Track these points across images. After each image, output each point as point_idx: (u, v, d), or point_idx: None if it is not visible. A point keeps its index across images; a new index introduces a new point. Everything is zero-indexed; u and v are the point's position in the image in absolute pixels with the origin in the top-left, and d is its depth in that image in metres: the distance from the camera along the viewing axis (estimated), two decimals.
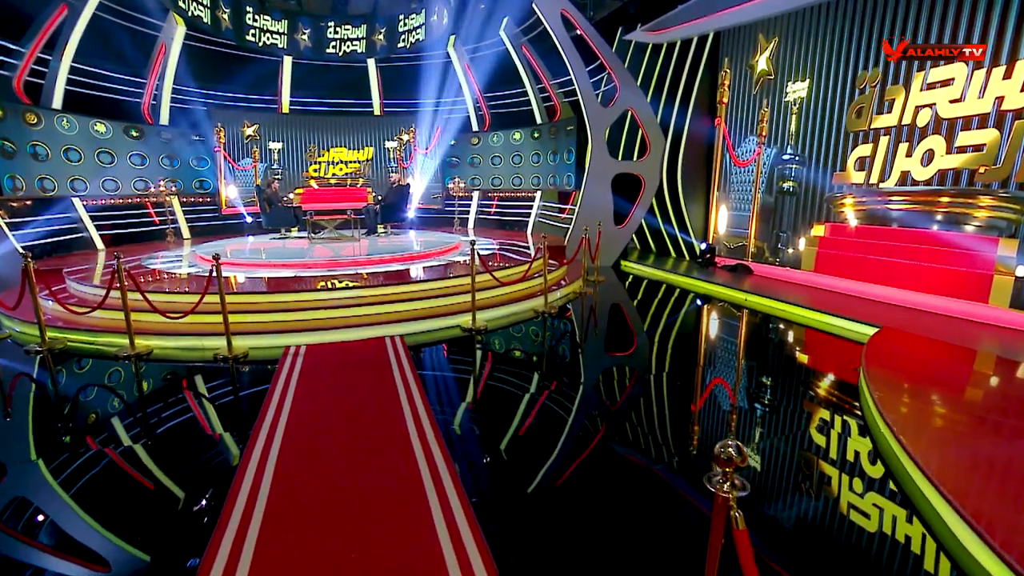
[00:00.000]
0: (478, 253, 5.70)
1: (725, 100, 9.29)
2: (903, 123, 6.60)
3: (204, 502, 2.74)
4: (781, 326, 6.09)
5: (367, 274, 6.81)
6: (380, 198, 10.97)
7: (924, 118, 6.38)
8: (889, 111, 6.76)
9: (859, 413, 3.67)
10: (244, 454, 3.04)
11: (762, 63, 8.70)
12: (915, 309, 5.85)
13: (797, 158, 8.13)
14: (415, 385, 4.19)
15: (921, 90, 6.39)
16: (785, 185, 8.33)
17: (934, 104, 6.32)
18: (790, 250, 8.47)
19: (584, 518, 2.59)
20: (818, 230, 7.77)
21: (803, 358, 5.22)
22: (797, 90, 8.07)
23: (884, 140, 6.84)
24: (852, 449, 3.24)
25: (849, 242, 7.17)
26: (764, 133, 8.53)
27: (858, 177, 7.21)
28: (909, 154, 6.57)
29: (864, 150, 7.14)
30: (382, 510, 2.52)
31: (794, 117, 8.10)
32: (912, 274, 6.13)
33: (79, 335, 5.30)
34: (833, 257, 7.30)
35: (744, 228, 9.25)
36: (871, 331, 5.22)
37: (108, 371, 4.72)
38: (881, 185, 6.93)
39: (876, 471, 2.96)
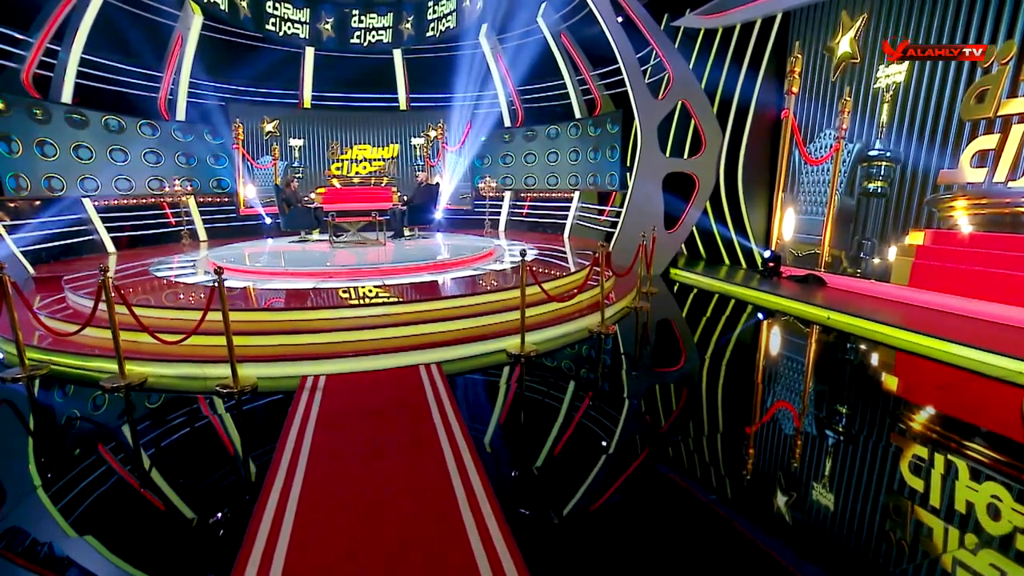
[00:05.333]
0: (526, 264, 4.79)
1: (795, 90, 8.20)
2: None
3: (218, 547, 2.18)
4: (882, 355, 5.03)
5: (394, 286, 5.96)
6: (407, 198, 10.15)
7: None
8: None
9: None
10: (251, 525, 2.26)
11: (844, 45, 7.59)
12: None
13: (888, 154, 7.01)
14: (459, 428, 3.33)
15: None
16: (871, 186, 7.22)
17: None
18: (876, 260, 7.36)
19: None
20: (915, 237, 6.67)
21: (927, 399, 4.12)
22: (891, 74, 6.95)
23: (1017, 129, 5.67)
24: None
25: (960, 252, 6.05)
26: (844, 126, 7.44)
27: (975, 175, 6.07)
28: None
29: (986, 142, 5.98)
30: None
31: (886, 106, 6.98)
32: None
33: (66, 358, 4.56)
34: (935, 269, 6.19)
35: (815, 234, 8.16)
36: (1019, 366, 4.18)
37: (87, 405, 3.93)
38: (1011, 184, 5.78)
39: None
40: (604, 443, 3.34)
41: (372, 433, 3.33)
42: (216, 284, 3.94)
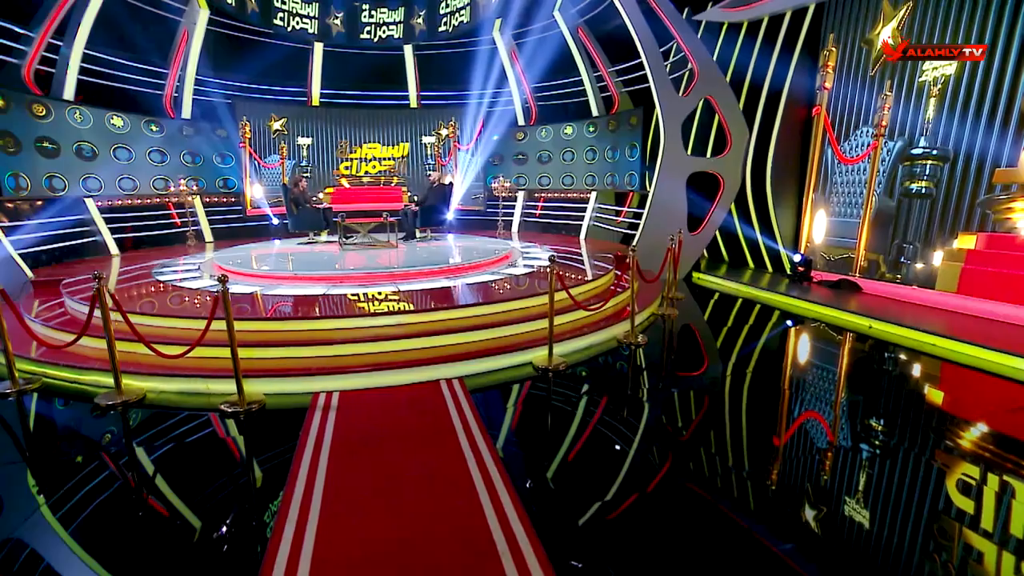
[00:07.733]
0: (553, 269, 4.42)
1: (828, 85, 7.77)
2: None
3: None
4: (937, 370, 4.62)
5: (409, 292, 5.59)
6: (419, 199, 9.80)
7: None
8: None
9: None
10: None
11: (886, 36, 7.17)
12: None
13: (935, 152, 6.58)
14: (489, 455, 2.99)
15: None
16: (915, 186, 6.79)
17: None
18: (919, 265, 6.93)
19: None
20: (965, 241, 6.24)
21: (997, 420, 3.72)
22: (940, 66, 6.52)
23: None
24: None
25: (1018, 257, 5.62)
26: (884, 123, 7.00)
27: None
28: None
29: None
30: None
31: (933, 101, 6.55)
32: None
33: (61, 371, 4.22)
34: (988, 275, 5.77)
35: (849, 237, 7.73)
36: None
37: (79, 424, 3.59)
38: None
39: None
40: (655, 470, 2.96)
41: (394, 460, 2.97)
42: (220, 292, 3.59)
